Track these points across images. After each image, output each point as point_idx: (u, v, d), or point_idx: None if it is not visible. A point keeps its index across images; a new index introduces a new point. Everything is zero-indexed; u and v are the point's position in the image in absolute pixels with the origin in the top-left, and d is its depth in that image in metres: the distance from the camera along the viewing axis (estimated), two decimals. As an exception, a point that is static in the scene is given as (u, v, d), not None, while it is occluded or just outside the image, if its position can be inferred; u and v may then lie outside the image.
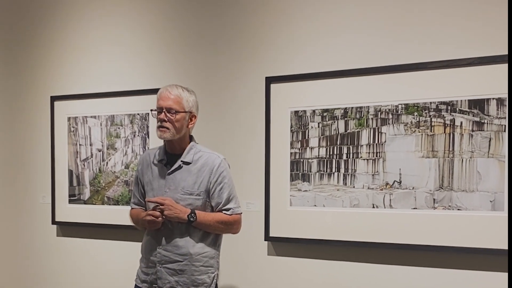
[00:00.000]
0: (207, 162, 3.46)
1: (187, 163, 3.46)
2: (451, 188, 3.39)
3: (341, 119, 3.71)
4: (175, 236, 3.43)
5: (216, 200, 3.44)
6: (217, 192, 3.44)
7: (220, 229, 3.47)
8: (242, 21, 4.09)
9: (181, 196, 3.42)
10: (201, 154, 3.49)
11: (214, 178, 3.43)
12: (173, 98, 3.42)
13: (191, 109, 3.46)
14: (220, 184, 3.44)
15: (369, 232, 3.64)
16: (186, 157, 3.47)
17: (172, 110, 3.39)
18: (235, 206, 3.48)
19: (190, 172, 3.45)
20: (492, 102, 3.27)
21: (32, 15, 5.11)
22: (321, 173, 3.79)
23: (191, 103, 3.47)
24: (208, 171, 3.44)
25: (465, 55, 3.35)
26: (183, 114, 3.42)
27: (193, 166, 3.46)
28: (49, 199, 5.00)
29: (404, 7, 3.55)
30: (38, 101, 5.06)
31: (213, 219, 3.41)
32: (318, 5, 3.81)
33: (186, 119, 3.45)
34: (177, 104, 3.41)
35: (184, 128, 3.45)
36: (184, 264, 3.41)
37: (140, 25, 4.54)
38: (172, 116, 3.39)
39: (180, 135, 3.44)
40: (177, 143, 3.49)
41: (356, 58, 3.68)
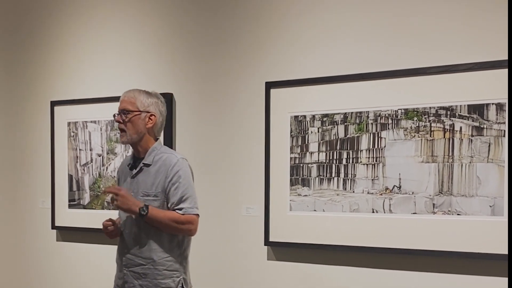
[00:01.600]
0: (165, 162, 3.42)
1: (147, 165, 3.45)
2: (450, 193, 3.40)
3: (340, 124, 3.72)
4: (139, 240, 3.43)
5: (171, 199, 3.39)
6: (172, 192, 3.39)
7: (172, 228, 3.38)
8: (242, 26, 4.10)
9: (140, 198, 3.40)
10: (162, 155, 3.46)
11: (169, 177, 3.38)
12: (126, 99, 3.43)
13: (147, 109, 3.44)
14: (175, 183, 3.38)
15: (368, 237, 3.64)
16: (147, 159, 3.46)
17: (125, 111, 3.40)
18: (189, 206, 3.40)
19: (149, 174, 3.43)
20: (492, 107, 3.28)
21: (32, 21, 5.12)
22: (321, 178, 3.79)
23: (147, 103, 3.45)
24: (165, 171, 3.40)
25: (465, 60, 3.36)
26: (138, 113, 3.40)
27: (153, 168, 3.44)
28: (49, 204, 5.00)
29: (403, 13, 3.56)
30: (38, 106, 5.07)
31: (165, 216, 3.35)
32: (318, 11, 3.82)
33: (143, 119, 3.42)
34: (130, 105, 3.41)
35: (142, 128, 3.42)
36: (147, 268, 3.41)
37: (141, 30, 4.55)
38: (126, 117, 3.39)
39: (138, 136, 3.43)
40: (139, 145, 3.47)
41: (356, 64, 3.68)
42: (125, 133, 3.41)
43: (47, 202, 5.01)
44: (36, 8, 5.10)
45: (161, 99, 3.53)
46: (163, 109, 3.53)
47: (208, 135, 4.24)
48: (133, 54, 4.57)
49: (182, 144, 4.34)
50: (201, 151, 4.27)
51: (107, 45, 4.72)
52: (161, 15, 4.46)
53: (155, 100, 3.49)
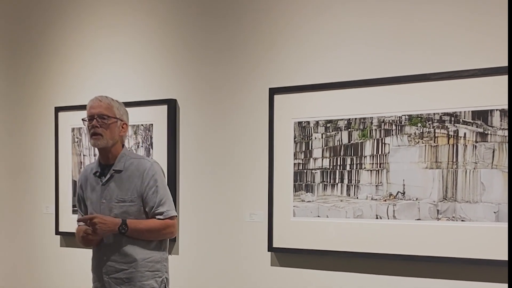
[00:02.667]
0: (137, 167, 3.48)
1: (118, 171, 3.50)
2: (455, 199, 3.39)
3: (344, 130, 3.71)
4: (118, 245, 3.46)
5: (149, 204, 3.45)
6: (149, 196, 3.44)
7: (154, 235, 3.47)
8: (246, 33, 4.10)
9: (115, 204, 3.46)
10: (132, 160, 3.53)
11: (145, 182, 3.45)
12: (104, 105, 3.47)
13: (122, 117, 3.53)
14: (152, 188, 3.45)
15: (372, 243, 3.64)
16: (117, 165, 3.51)
17: (104, 116, 3.44)
18: (168, 209, 3.47)
19: (122, 180, 3.48)
20: (496, 113, 3.28)
21: (36, 27, 5.13)
22: (325, 184, 3.79)
23: (121, 111, 3.54)
24: (139, 176, 3.46)
25: (469, 66, 3.35)
26: (115, 120, 3.48)
27: (125, 174, 3.49)
28: (52, 209, 5.01)
29: (407, 18, 3.56)
30: (42, 112, 5.07)
31: (146, 227, 3.43)
32: (322, 18, 3.82)
33: (118, 126, 3.51)
34: (108, 111, 3.47)
35: (116, 135, 3.50)
36: (130, 272, 3.44)
37: (145, 36, 4.55)
38: (104, 122, 3.44)
39: (113, 142, 3.49)
40: (110, 152, 3.52)
41: (360, 70, 3.68)
42: (102, 136, 3.44)
43: (51, 207, 5.02)
44: (40, 14, 5.11)
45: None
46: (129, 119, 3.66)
47: (212, 141, 4.24)
48: (137, 60, 4.58)
49: (186, 150, 4.34)
50: (205, 157, 4.27)
51: (111, 51, 4.72)
52: (165, 21, 4.46)
53: (126, 109, 3.59)
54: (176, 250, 4.38)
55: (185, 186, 4.34)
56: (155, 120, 4.41)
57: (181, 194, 4.36)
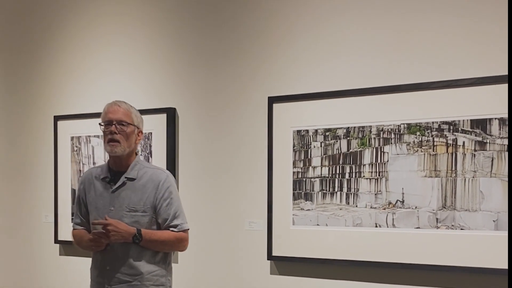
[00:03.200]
0: (152, 177, 3.42)
1: (131, 179, 3.42)
2: (454, 208, 3.39)
3: (343, 138, 3.72)
4: (124, 256, 3.38)
5: (162, 216, 3.39)
6: (163, 208, 3.38)
7: (167, 247, 3.43)
8: (245, 42, 4.11)
9: (126, 213, 3.37)
10: (146, 170, 3.46)
11: (160, 193, 3.38)
12: (123, 111, 3.40)
13: (138, 125, 3.46)
14: (166, 199, 3.39)
15: (372, 251, 3.64)
16: (130, 173, 3.43)
17: (124, 122, 3.37)
18: (182, 222, 3.43)
19: (135, 189, 3.40)
20: (495, 122, 3.28)
21: (35, 37, 5.14)
22: (324, 192, 3.79)
23: (139, 118, 3.47)
24: (154, 187, 3.39)
25: (467, 75, 3.36)
26: (133, 127, 3.41)
27: (138, 182, 3.41)
28: (52, 218, 5.00)
29: (405, 28, 3.57)
30: (41, 121, 5.08)
31: (160, 238, 3.37)
32: (321, 26, 3.83)
33: (135, 134, 3.43)
34: (127, 117, 3.39)
35: (133, 143, 3.43)
36: (134, 285, 3.37)
37: (143, 44, 4.56)
38: (123, 129, 3.36)
39: (129, 150, 3.41)
40: (124, 159, 3.44)
41: (358, 78, 3.69)
42: (119, 144, 3.36)
43: (51, 216, 5.02)
44: (39, 24, 5.12)
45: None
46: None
47: (211, 149, 4.25)
48: (136, 68, 4.58)
49: (185, 158, 4.35)
50: (204, 166, 4.28)
51: (110, 60, 4.73)
52: (164, 30, 4.47)
53: (141, 117, 3.52)
54: (176, 258, 4.38)
55: (185, 195, 4.34)
56: (154, 129, 4.41)
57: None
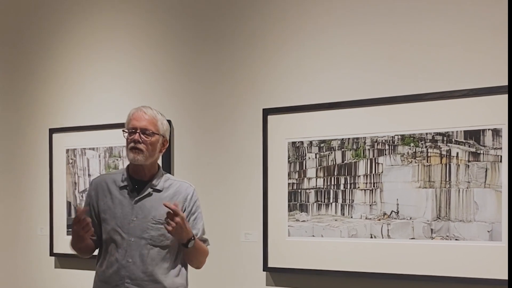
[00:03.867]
0: (179, 190, 3.29)
1: (157, 190, 3.26)
2: (448, 218, 3.41)
3: (338, 150, 3.73)
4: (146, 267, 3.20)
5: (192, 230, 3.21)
6: (191, 222, 3.25)
7: (199, 260, 3.36)
8: (240, 54, 4.13)
9: (151, 225, 3.20)
10: (172, 182, 3.32)
11: (189, 207, 3.28)
12: (148, 118, 3.23)
13: (164, 133, 3.29)
14: (194, 214, 3.30)
15: (367, 262, 3.65)
16: (156, 184, 3.28)
17: (148, 131, 3.20)
18: (208, 238, 3.39)
19: (161, 200, 3.19)
20: (488, 132, 3.30)
21: (30, 49, 5.14)
22: (319, 204, 3.80)
23: (165, 126, 3.30)
24: (182, 200, 3.26)
25: (460, 86, 3.38)
26: (158, 136, 3.23)
27: (164, 194, 3.26)
28: (47, 231, 5.00)
29: (399, 40, 3.59)
30: (36, 133, 5.08)
31: (201, 248, 3.28)
32: (315, 38, 3.85)
33: (160, 143, 3.27)
34: (153, 126, 3.22)
35: (157, 152, 3.26)
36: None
37: (138, 58, 4.57)
38: (147, 138, 3.19)
39: (152, 159, 3.25)
40: (146, 168, 3.27)
41: (353, 90, 3.71)
42: (142, 153, 3.18)
43: (46, 229, 5.01)
44: (34, 36, 5.13)
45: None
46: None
47: (206, 161, 4.26)
48: (131, 81, 4.60)
49: (181, 170, 4.35)
50: (199, 178, 4.28)
51: (105, 73, 4.74)
52: (158, 43, 4.49)
53: (168, 125, 3.36)
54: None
55: (180, 207, 4.35)
56: (149, 141, 4.42)
57: (176, 215, 4.37)
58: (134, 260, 3.22)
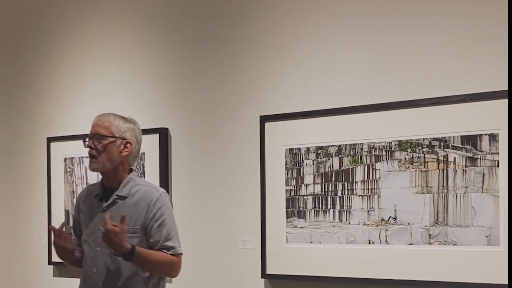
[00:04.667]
0: (144, 196, 3.15)
1: (122, 197, 3.17)
2: (446, 224, 3.41)
3: (335, 156, 3.74)
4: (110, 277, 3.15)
5: (154, 238, 3.12)
6: (154, 229, 3.11)
7: (159, 270, 3.18)
8: (236, 61, 4.14)
9: None
10: (139, 187, 3.20)
11: (151, 213, 3.12)
12: (100, 124, 3.18)
13: (123, 135, 3.18)
14: (158, 220, 3.12)
15: (365, 268, 3.64)
16: (122, 190, 3.18)
17: (99, 136, 3.13)
18: (176, 246, 3.17)
19: (126, 208, 3.13)
20: (485, 138, 3.30)
21: (27, 57, 5.17)
22: (317, 210, 3.80)
23: (123, 129, 3.19)
24: (145, 206, 3.13)
25: (457, 92, 3.38)
26: (112, 139, 3.14)
27: (129, 201, 3.16)
28: (45, 240, 4.99)
29: (395, 46, 3.59)
30: (34, 142, 5.08)
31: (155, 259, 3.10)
32: (311, 45, 3.86)
33: (118, 146, 3.16)
34: (105, 129, 3.15)
35: (116, 156, 3.15)
36: None
37: (135, 65, 4.58)
38: (98, 142, 3.12)
39: (112, 164, 3.16)
40: (112, 175, 3.20)
41: (349, 96, 3.71)
42: (96, 159, 3.13)
43: (44, 238, 5.00)
44: (32, 45, 5.15)
45: (137, 126, 3.30)
46: (139, 137, 3.30)
47: (204, 168, 4.26)
48: (129, 89, 4.61)
49: (178, 177, 4.36)
50: (197, 185, 4.29)
51: (103, 81, 4.75)
52: (156, 51, 4.50)
53: (132, 126, 3.26)
54: (169, 278, 4.36)
55: (178, 214, 4.31)
56: (147, 149, 4.41)
57: (174, 222, 4.37)
58: (98, 270, 3.19)
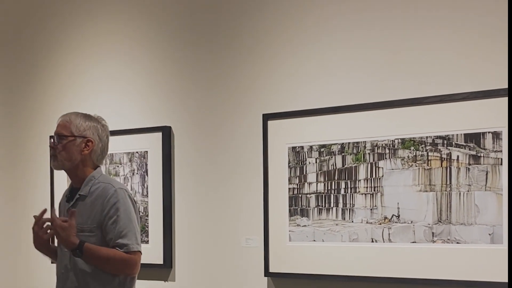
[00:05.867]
0: (100, 194, 3.11)
1: (83, 196, 3.15)
2: (449, 222, 3.40)
3: (338, 154, 3.73)
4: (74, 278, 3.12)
5: (108, 235, 3.05)
6: (109, 226, 3.04)
7: (111, 268, 3.06)
8: (239, 59, 4.14)
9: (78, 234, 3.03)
10: (100, 185, 3.16)
11: (105, 210, 3.06)
12: (61, 123, 3.19)
13: (83, 134, 3.16)
14: (112, 217, 3.05)
15: (368, 266, 3.64)
16: (83, 189, 3.16)
17: (60, 136, 3.14)
18: (129, 243, 3.05)
19: (85, 207, 3.12)
20: (488, 135, 3.30)
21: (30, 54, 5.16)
22: (320, 208, 3.80)
23: (83, 127, 3.18)
24: (101, 203, 3.08)
25: (460, 90, 3.38)
26: (71, 139, 3.14)
27: (88, 199, 3.13)
28: (48, 237, 4.99)
29: (398, 44, 3.59)
30: (37, 140, 5.08)
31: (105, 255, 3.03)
32: (314, 43, 3.86)
33: (77, 145, 3.15)
34: (64, 129, 3.15)
35: (76, 155, 3.15)
36: None
37: (138, 63, 4.58)
38: (58, 142, 3.13)
39: (72, 163, 3.16)
40: (75, 174, 3.20)
41: (352, 94, 3.71)
42: (57, 158, 3.15)
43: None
44: (33, 42, 5.15)
45: (101, 123, 3.30)
46: (103, 134, 3.29)
47: (207, 167, 4.26)
48: (131, 87, 4.60)
49: (181, 176, 4.36)
50: (200, 183, 4.28)
51: (105, 78, 4.75)
52: (159, 48, 4.49)
53: (94, 124, 3.24)
54: (173, 277, 4.38)
55: (181, 212, 4.35)
56: (150, 147, 4.42)
57: (177, 220, 4.37)
58: (64, 271, 3.19)
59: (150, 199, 4.39)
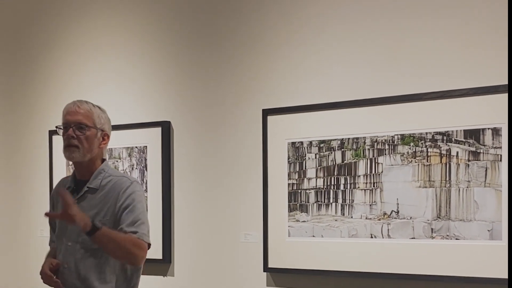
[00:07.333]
0: (114, 186, 3.05)
1: (93, 189, 3.08)
2: (448, 218, 3.41)
3: (338, 150, 3.73)
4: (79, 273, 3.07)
5: (123, 223, 2.97)
6: (123, 216, 2.97)
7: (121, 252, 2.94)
8: (239, 54, 4.13)
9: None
10: (111, 178, 3.10)
11: (121, 201, 3.00)
12: (83, 112, 3.06)
13: (103, 127, 3.12)
14: (128, 207, 2.98)
15: (367, 262, 3.64)
16: (92, 182, 3.08)
17: (82, 125, 3.03)
18: (143, 232, 2.98)
19: (96, 200, 3.05)
20: (488, 132, 3.30)
21: (29, 50, 5.15)
22: (319, 204, 3.80)
23: (103, 119, 3.13)
24: (115, 196, 3.02)
25: (460, 86, 3.38)
26: (94, 131, 3.06)
27: (100, 193, 3.06)
28: (47, 233, 4.96)
29: (398, 39, 3.59)
30: (36, 135, 5.08)
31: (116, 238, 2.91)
32: (314, 39, 3.86)
33: (98, 138, 3.09)
34: (88, 119, 3.05)
35: (95, 148, 3.08)
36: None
37: (137, 58, 4.57)
38: (81, 133, 3.02)
39: (91, 155, 3.07)
40: (86, 166, 3.10)
41: (352, 90, 3.71)
42: (78, 149, 3.01)
43: (46, 231, 4.98)
44: (33, 38, 5.14)
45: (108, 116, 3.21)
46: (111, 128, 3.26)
47: (206, 162, 4.25)
48: (131, 82, 4.60)
49: (180, 171, 4.35)
50: (199, 178, 4.28)
51: (105, 73, 4.74)
52: (158, 43, 4.49)
53: (108, 116, 3.20)
54: (172, 271, 4.38)
55: (180, 207, 4.35)
56: (149, 142, 4.42)
57: (176, 216, 4.37)
58: (69, 265, 3.13)
59: (149, 194, 4.39)
